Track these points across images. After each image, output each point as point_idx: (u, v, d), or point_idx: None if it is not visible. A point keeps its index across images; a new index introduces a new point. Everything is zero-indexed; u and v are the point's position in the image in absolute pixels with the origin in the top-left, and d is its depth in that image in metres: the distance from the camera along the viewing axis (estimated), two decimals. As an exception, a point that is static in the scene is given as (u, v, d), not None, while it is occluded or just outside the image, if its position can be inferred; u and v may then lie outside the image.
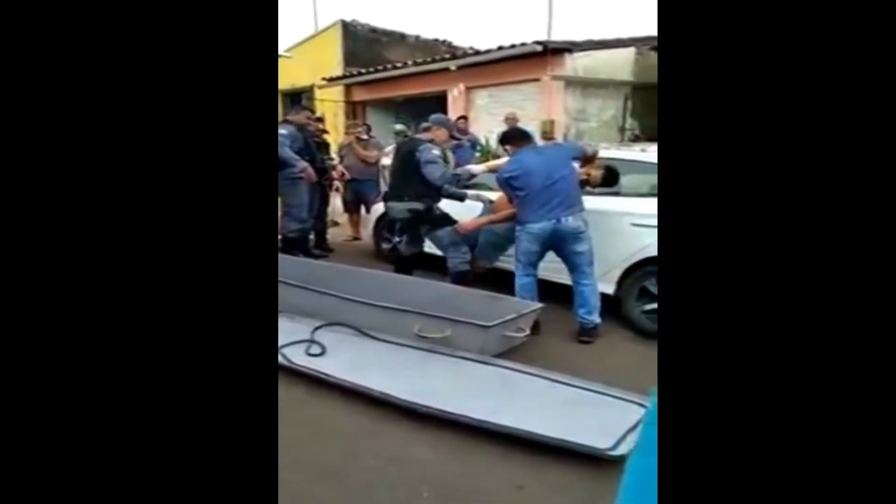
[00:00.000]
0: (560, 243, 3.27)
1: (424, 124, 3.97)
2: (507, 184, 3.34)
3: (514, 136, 3.58)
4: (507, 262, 3.71)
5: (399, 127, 6.24)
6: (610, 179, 3.67)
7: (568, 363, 2.87)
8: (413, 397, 2.31)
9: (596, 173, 3.65)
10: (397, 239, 5.07)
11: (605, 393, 2.40)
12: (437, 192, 3.80)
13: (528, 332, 3.04)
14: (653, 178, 4.06)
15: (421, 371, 2.62)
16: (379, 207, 5.25)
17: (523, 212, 3.28)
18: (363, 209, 5.94)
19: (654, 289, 3.36)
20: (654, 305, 3.34)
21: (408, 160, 3.79)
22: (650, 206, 3.53)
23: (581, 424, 2.14)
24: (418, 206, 3.78)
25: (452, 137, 4.03)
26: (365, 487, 1.92)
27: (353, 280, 3.56)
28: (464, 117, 7.85)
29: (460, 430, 2.21)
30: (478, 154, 7.06)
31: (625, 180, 4.23)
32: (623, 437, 2.04)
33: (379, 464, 2.06)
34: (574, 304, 3.32)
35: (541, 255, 3.32)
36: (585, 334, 3.28)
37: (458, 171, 3.90)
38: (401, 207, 3.85)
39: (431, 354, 2.77)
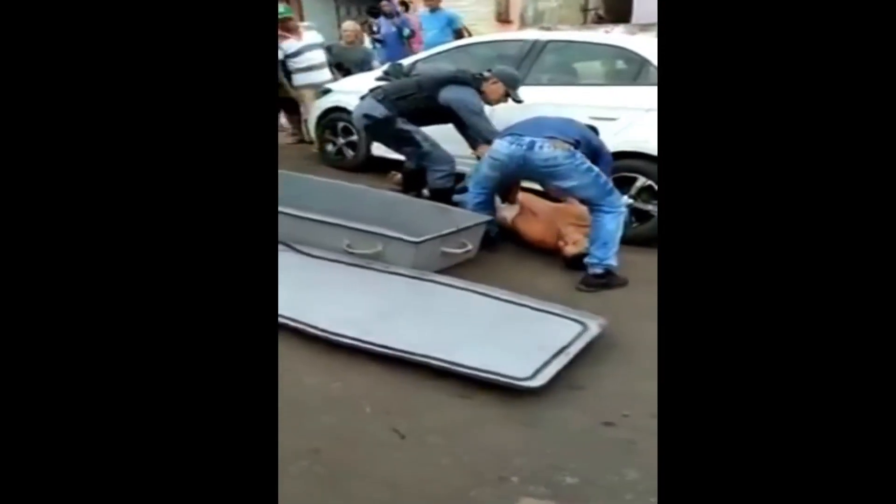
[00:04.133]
0: (535, 177, 3.01)
1: (486, 73, 3.48)
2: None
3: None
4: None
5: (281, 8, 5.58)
6: None
7: (516, 280, 2.78)
8: (333, 326, 2.21)
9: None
10: (342, 141, 4.78)
11: (541, 309, 2.37)
12: (420, 124, 3.53)
13: (470, 247, 2.94)
14: (614, 65, 3.82)
15: (346, 291, 2.53)
16: (318, 104, 4.88)
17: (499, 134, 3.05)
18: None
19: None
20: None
21: (434, 86, 3.45)
22: (609, 97, 3.30)
23: (509, 348, 2.11)
24: (378, 112, 3.49)
25: (507, 95, 3.48)
26: (305, 409, 1.90)
27: (288, 187, 3.33)
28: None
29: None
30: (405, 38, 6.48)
31: (582, 67, 3.97)
32: (546, 363, 2.02)
33: (318, 382, 2.05)
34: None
35: (500, 184, 3.12)
36: (583, 282, 2.80)
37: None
38: (361, 110, 3.58)
39: (361, 270, 2.67)
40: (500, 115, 3.44)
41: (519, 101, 3.42)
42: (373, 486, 1.58)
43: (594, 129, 3.11)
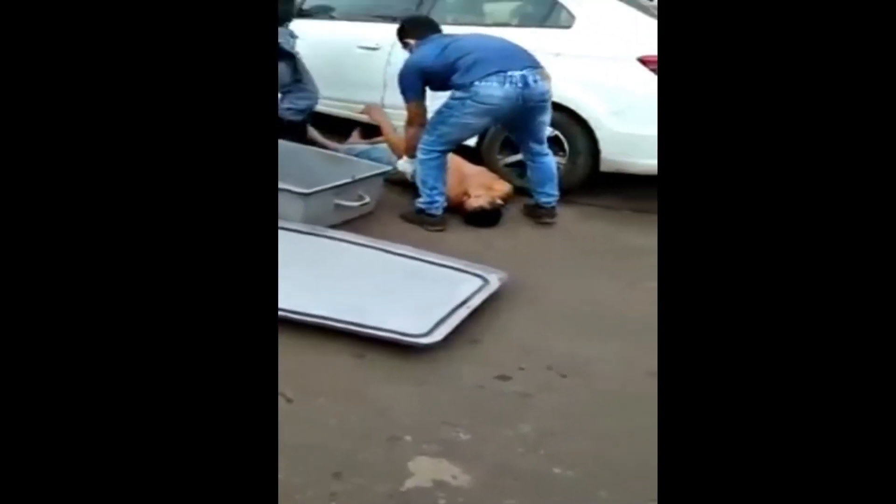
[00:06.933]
0: (524, 115, 2.70)
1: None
2: (423, 71, 2.66)
3: (417, 26, 2.88)
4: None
5: None
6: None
7: (416, 235, 2.74)
8: None
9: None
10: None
11: (440, 264, 2.35)
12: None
13: (368, 200, 2.86)
14: (523, 6, 3.73)
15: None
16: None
17: (469, 74, 2.60)
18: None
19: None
20: (517, 157, 3.24)
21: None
22: (516, 39, 3.22)
23: (406, 305, 2.08)
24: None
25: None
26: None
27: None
28: None
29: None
30: None
31: (488, 7, 3.86)
32: (444, 319, 2.01)
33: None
34: (532, 180, 2.94)
35: (475, 134, 2.90)
36: (548, 215, 2.90)
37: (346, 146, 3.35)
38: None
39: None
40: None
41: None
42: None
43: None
